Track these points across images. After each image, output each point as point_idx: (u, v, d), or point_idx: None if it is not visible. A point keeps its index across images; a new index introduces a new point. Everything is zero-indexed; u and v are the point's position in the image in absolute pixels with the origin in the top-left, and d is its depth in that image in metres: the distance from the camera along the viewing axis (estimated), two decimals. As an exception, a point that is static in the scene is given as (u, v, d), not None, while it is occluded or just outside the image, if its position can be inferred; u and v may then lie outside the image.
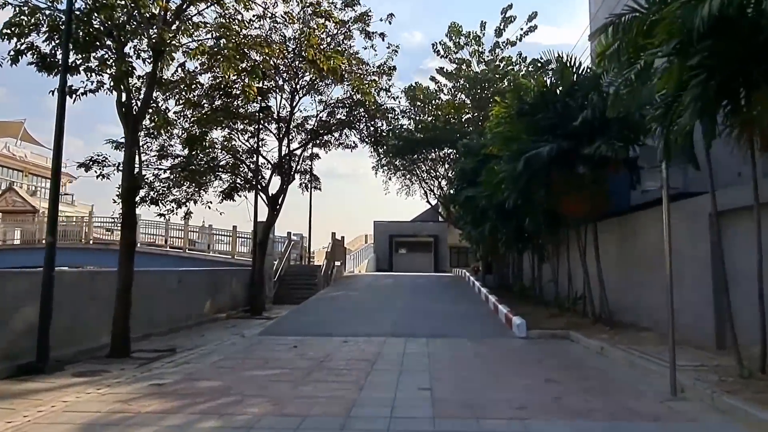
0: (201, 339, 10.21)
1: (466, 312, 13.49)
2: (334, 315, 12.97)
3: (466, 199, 19.54)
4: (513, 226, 16.13)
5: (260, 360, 7.93)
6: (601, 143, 9.15)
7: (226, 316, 13.68)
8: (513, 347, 9.26)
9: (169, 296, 11.24)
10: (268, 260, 16.87)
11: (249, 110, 15.66)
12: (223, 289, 14.27)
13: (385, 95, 15.53)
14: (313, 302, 15.31)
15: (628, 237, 11.10)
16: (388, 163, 29.32)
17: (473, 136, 22.76)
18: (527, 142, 10.41)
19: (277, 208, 15.00)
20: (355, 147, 18.17)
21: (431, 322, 11.90)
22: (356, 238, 44.58)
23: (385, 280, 22.17)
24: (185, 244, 22.48)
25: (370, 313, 13.27)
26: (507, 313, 11.76)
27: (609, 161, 10.47)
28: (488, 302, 14.75)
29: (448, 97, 29.65)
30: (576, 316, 11.97)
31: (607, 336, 9.40)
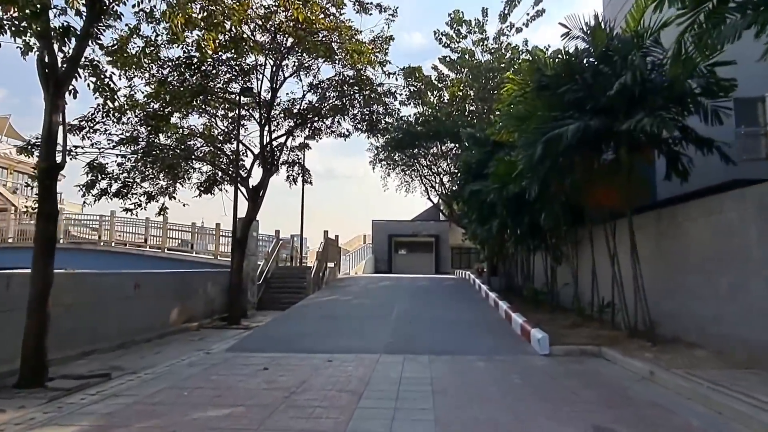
0: (154, 357, 8.43)
1: (474, 320, 11.70)
2: (321, 325, 11.19)
3: (471, 194, 17.77)
4: (526, 223, 14.36)
5: (214, 390, 6.15)
6: (644, 116, 7.36)
7: (197, 325, 11.89)
8: (536, 369, 7.47)
9: (122, 304, 9.47)
10: (251, 261, 15.09)
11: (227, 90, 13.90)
12: (195, 295, 12.49)
13: (381, 71, 13.71)
14: (299, 309, 13.52)
15: (668, 233, 9.29)
16: (387, 158, 27.50)
17: (478, 128, 20.98)
18: (547, 122, 8.61)
19: (258, 201, 13.20)
20: (348, 135, 16.45)
21: (434, 334, 10.12)
22: (354, 238, 42.82)
23: (383, 282, 20.37)
24: (164, 244, 20.68)
25: (362, 322, 11.49)
26: (523, 323, 9.98)
27: (648, 142, 8.73)
28: (498, 309, 12.97)
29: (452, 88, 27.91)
30: (604, 327, 10.18)
31: (651, 355, 7.60)
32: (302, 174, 17.31)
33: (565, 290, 13.90)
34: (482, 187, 16.90)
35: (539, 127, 8.32)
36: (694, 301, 8.40)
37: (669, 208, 9.27)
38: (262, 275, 17.17)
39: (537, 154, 8.04)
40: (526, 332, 9.55)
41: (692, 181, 9.30)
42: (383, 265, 36.93)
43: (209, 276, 13.37)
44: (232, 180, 14.13)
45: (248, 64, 13.80)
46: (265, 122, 13.55)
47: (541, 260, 16.33)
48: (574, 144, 8.03)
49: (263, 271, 17.44)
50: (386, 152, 27.01)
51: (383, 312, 12.65)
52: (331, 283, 19.66)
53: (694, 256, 8.37)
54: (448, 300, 15.40)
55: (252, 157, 14.07)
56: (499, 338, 9.80)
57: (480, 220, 17.81)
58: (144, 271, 11.74)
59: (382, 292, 17.13)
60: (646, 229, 9.78)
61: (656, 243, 9.58)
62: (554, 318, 12.24)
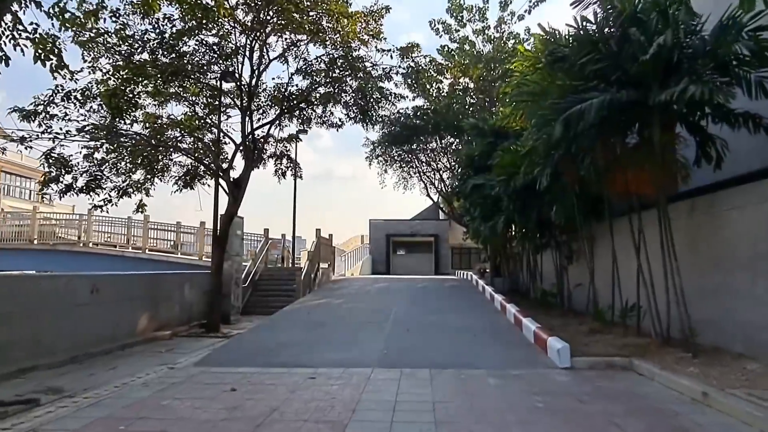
0: (106, 375, 7.15)
1: (480, 327, 10.43)
2: (308, 332, 9.92)
3: (473, 189, 16.55)
4: (534, 218, 13.15)
5: (160, 422, 4.88)
6: (689, 83, 6.11)
7: (170, 334, 10.62)
8: (559, 388, 6.21)
9: (75, 311, 8.20)
10: (235, 261, 13.83)
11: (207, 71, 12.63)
12: (169, 299, 11.22)
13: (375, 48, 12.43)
14: (285, 314, 12.25)
15: (705, 225, 8.04)
16: (384, 153, 26.24)
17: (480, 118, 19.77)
18: (565, 96, 7.35)
19: (239, 195, 11.91)
20: (341, 125, 15.19)
21: (435, 343, 8.86)
22: (351, 238, 41.66)
23: (380, 284, 19.10)
24: (144, 244, 19.39)
25: (355, 329, 10.23)
26: (537, 330, 8.72)
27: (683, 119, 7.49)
28: (505, 313, 11.71)
29: (451, 79, 26.68)
30: (629, 334, 8.92)
31: (695, 369, 6.35)
32: (293, 168, 16.04)
33: (577, 292, 12.66)
34: (485, 181, 15.69)
35: (556, 102, 7.05)
36: (740, 303, 7.14)
37: (706, 195, 8.00)
38: (248, 277, 15.92)
39: (556, 134, 6.76)
40: (541, 341, 8.30)
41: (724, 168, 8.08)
42: (381, 265, 35.68)
43: (186, 278, 12.10)
44: (212, 173, 12.87)
45: (230, 46, 12.56)
46: (247, 108, 12.28)
47: (550, 259, 15.10)
48: (597, 122, 6.78)
49: (250, 273, 16.19)
50: (383, 147, 25.77)
51: (378, 317, 11.39)
52: (324, 285, 18.39)
53: (742, 251, 7.12)
54: (450, 303, 14.15)
55: (234, 147, 12.78)
56: (509, 348, 8.54)
57: (483, 216, 16.58)
58: (105, 273, 10.47)
59: (379, 295, 15.88)
60: (678, 221, 8.48)
61: (690, 236, 8.31)
62: (568, 323, 11.00)
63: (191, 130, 13.38)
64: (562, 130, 6.65)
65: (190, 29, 11.22)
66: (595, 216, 11.57)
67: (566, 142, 7.72)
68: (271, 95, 13.62)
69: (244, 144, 12.16)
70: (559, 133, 6.70)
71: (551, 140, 7.46)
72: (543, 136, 8.13)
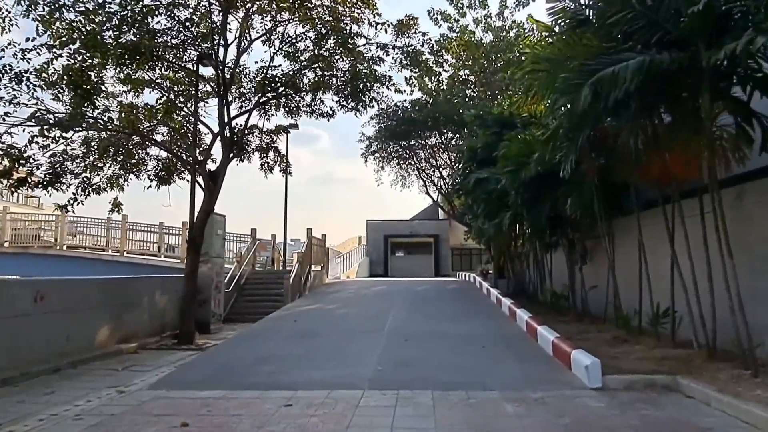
0: (39, 401, 5.87)
1: (488, 336, 9.17)
2: (292, 344, 8.65)
3: (476, 184, 15.31)
4: (545, 213, 11.89)
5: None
6: (755, 34, 4.86)
7: (135, 347, 9.34)
8: (594, 417, 4.96)
9: (13, 324, 6.94)
10: (216, 264, 12.56)
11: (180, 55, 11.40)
12: (136, 307, 9.95)
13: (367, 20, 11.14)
14: (269, 322, 10.99)
15: (756, 217, 6.80)
16: (380, 149, 24.98)
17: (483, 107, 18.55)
18: (594, 57, 6.10)
19: (215, 189, 10.63)
20: (332, 115, 13.94)
21: (438, 356, 7.60)
22: (349, 239, 40.50)
23: (377, 287, 17.84)
24: (123, 247, 18.11)
25: (346, 339, 8.96)
26: (557, 341, 7.46)
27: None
28: (515, 319, 10.47)
29: (450, 72, 25.50)
30: (663, 344, 7.68)
31: (764, 393, 5.10)
32: (282, 162, 14.76)
33: (593, 294, 11.43)
34: (490, 175, 14.46)
35: (584, 64, 5.78)
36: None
37: (759, 181, 6.75)
38: (232, 281, 14.66)
39: (583, 103, 5.48)
40: (562, 354, 7.04)
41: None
42: (379, 267, 34.40)
43: (158, 283, 10.82)
44: (188, 166, 11.61)
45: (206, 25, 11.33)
46: (224, 94, 11.01)
47: (561, 259, 13.88)
48: (634, 90, 5.53)
49: (235, 277, 14.94)
50: (379, 143, 24.52)
51: (374, 325, 10.13)
52: (317, 288, 17.13)
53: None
54: (453, 308, 12.88)
55: (212, 136, 11.49)
56: (525, 362, 7.28)
57: (487, 214, 15.34)
58: (55, 279, 9.20)
59: (375, 300, 14.61)
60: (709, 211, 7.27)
61: (737, 229, 7.06)
62: (585, 330, 9.78)
63: (166, 117, 12.12)
64: (591, 97, 5.39)
65: (160, 4, 9.99)
66: (616, 209, 10.35)
67: (593, 118, 6.48)
68: (253, 80, 12.36)
69: (221, 134, 10.90)
70: (587, 102, 5.44)
71: (575, 115, 6.20)
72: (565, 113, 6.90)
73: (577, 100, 5.60)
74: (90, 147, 11.74)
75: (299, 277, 15.32)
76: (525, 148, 11.95)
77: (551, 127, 7.44)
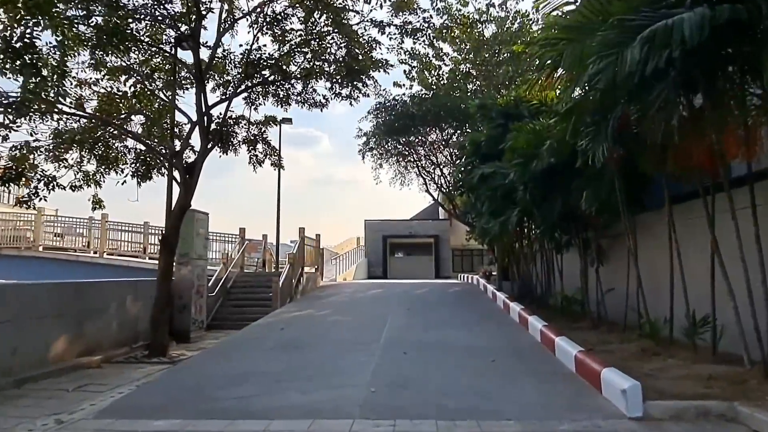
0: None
1: (499, 347, 8.09)
2: (274, 358, 7.57)
3: (481, 180, 14.26)
4: (556, 209, 10.84)
5: None
6: None
7: (99, 360, 8.26)
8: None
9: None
10: (197, 266, 11.49)
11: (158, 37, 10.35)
12: (102, 315, 8.87)
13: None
14: (252, 331, 9.91)
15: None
16: (378, 146, 23.87)
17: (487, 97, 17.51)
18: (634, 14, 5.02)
19: (191, 183, 9.54)
20: (325, 105, 12.90)
21: (442, 373, 6.53)
22: (346, 240, 39.48)
23: (374, 290, 16.77)
24: (102, 247, 17.02)
25: (336, 353, 7.88)
26: (581, 356, 6.39)
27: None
28: (527, 327, 9.40)
29: (451, 66, 24.44)
30: (702, 358, 6.61)
31: None
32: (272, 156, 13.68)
33: (609, 298, 10.37)
34: (496, 169, 13.42)
35: (626, 19, 4.69)
36: None
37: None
38: (218, 285, 13.59)
39: (630, 60, 4.38)
40: (589, 372, 5.96)
41: None
42: (377, 269, 33.32)
43: (130, 287, 9.72)
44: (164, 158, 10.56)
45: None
46: (202, 77, 9.93)
47: (573, 260, 12.83)
48: (691, 47, 4.44)
49: (220, 279, 13.86)
50: (377, 139, 23.42)
51: (368, 335, 9.04)
52: (310, 292, 16.05)
53: None
54: (457, 314, 11.81)
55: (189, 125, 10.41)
56: (545, 381, 6.20)
57: (492, 211, 14.29)
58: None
59: (372, 304, 13.54)
60: (766, 206, 6.21)
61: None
62: (606, 339, 8.72)
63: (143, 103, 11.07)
64: (644, 51, 4.29)
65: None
66: (638, 204, 9.30)
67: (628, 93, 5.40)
68: (238, 65, 11.29)
69: (200, 122, 9.82)
70: (635, 62, 4.34)
71: (609, 87, 5.11)
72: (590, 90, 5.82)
73: (620, 63, 4.49)
74: (61, 139, 10.73)
75: (290, 280, 14.24)
76: (535, 138, 10.94)
77: (578, 100, 6.33)
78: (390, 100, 22.07)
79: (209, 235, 12.87)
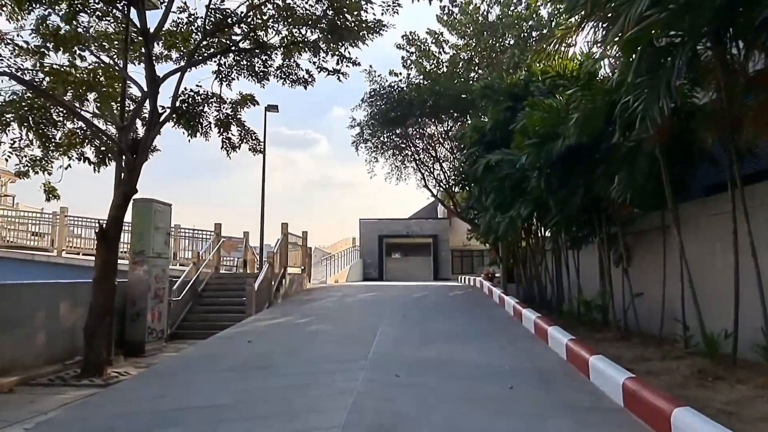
0: None
1: (516, 369, 6.38)
2: (225, 385, 5.86)
3: (485, 171, 12.59)
4: (576, 198, 9.21)
5: None
6: None
7: (14, 381, 6.58)
8: None
9: None
10: (156, 266, 9.79)
11: None
12: (22, 325, 7.18)
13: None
14: (213, 344, 8.21)
15: None
16: (373, 136, 22.18)
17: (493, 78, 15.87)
18: None
19: (137, 165, 7.82)
20: (308, 82, 11.27)
21: (445, 411, 4.82)
22: (341, 240, 37.85)
23: (366, 294, 15.09)
24: (60, 245, 15.30)
25: (307, 377, 6.16)
26: (634, 386, 4.69)
27: None
28: (546, 339, 7.72)
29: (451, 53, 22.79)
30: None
31: None
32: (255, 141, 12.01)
33: (639, 305, 8.73)
34: (503, 156, 11.78)
35: None
36: None
37: None
38: (185, 287, 11.88)
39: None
40: (649, 411, 4.28)
41: None
42: (373, 270, 31.64)
43: (64, 291, 8.02)
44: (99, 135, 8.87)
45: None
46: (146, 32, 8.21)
47: (591, 259, 11.21)
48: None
49: (189, 282, 12.15)
50: (371, 129, 21.74)
51: (353, 350, 7.34)
52: (293, 296, 14.36)
53: None
54: (460, 323, 10.12)
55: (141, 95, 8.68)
56: (585, 424, 4.51)
57: (499, 205, 12.64)
58: None
59: (362, 311, 11.85)
60: None
61: None
62: (643, 355, 7.10)
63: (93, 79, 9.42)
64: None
65: None
66: (684, 189, 7.68)
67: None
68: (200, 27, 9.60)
69: (149, 91, 8.12)
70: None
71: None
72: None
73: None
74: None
75: (268, 282, 12.53)
76: (552, 116, 9.33)
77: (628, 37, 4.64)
78: (385, 86, 20.44)
79: (172, 230, 11.16)
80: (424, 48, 22.47)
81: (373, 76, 20.73)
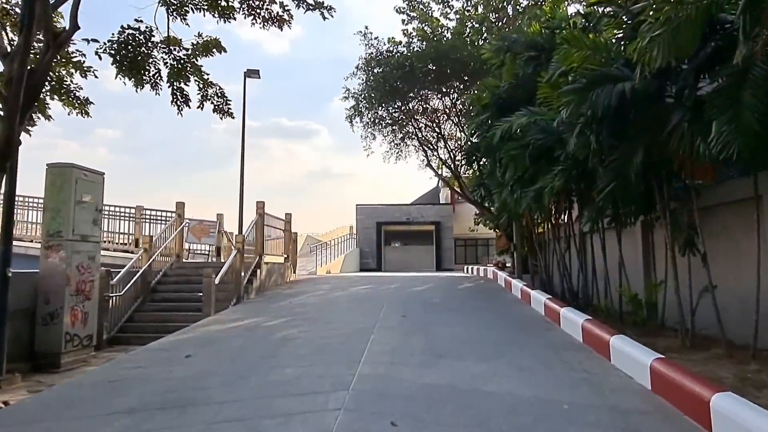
0: None
1: (579, 406, 4.07)
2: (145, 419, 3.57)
3: (503, 139, 10.26)
4: (635, 161, 6.87)
5: None
6: None
7: None
8: None
9: None
10: (79, 252, 7.48)
11: None
12: None
13: None
14: (131, 361, 5.91)
15: None
16: (370, 109, 19.72)
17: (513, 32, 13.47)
18: None
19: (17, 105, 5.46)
20: (285, 21, 8.99)
21: None
22: (337, 228, 35.61)
23: (359, 287, 12.80)
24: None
25: (246, 426, 3.88)
26: None
27: None
28: (609, 355, 5.41)
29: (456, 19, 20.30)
30: None
31: None
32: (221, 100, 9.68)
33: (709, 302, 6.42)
34: (531, 117, 9.47)
35: None
36: None
37: None
38: (132, 279, 9.59)
39: None
40: None
41: None
42: (371, 260, 29.34)
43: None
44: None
45: None
46: None
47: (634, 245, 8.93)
48: None
49: (137, 272, 9.86)
50: (368, 102, 19.28)
51: (330, 372, 5.04)
52: (272, 289, 12.06)
53: None
54: (476, 326, 7.79)
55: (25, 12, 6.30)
56: None
57: (519, 178, 10.36)
58: None
59: (351, 309, 9.53)
60: None
61: None
62: (744, 372, 4.85)
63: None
64: None
65: None
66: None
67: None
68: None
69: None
70: None
71: None
72: None
73: None
74: None
75: (237, 274, 10.22)
76: (600, 53, 7.09)
77: None
78: (383, 51, 18.02)
79: (103, 206, 8.82)
80: (427, 12, 20.00)
81: (369, 38, 18.32)
